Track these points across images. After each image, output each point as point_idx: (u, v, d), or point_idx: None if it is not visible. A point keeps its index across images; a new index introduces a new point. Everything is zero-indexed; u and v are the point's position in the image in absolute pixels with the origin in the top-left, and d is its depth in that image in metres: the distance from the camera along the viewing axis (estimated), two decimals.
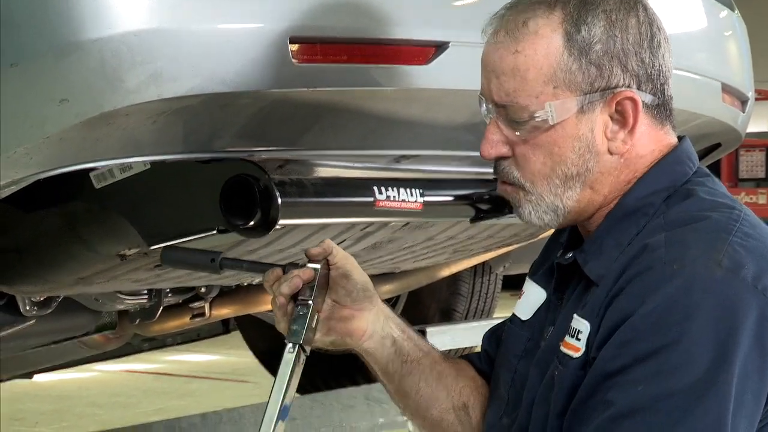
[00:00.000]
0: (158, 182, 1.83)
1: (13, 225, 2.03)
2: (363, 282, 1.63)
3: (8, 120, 1.69)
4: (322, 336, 1.60)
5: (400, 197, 1.97)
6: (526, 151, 1.45)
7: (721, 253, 1.33)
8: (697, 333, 1.29)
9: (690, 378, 1.28)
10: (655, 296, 1.32)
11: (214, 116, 1.75)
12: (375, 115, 1.89)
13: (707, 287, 1.31)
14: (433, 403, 1.68)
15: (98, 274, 2.13)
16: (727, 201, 1.46)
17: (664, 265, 1.34)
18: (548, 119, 1.42)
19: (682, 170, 1.49)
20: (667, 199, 1.46)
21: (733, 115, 2.46)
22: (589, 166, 1.46)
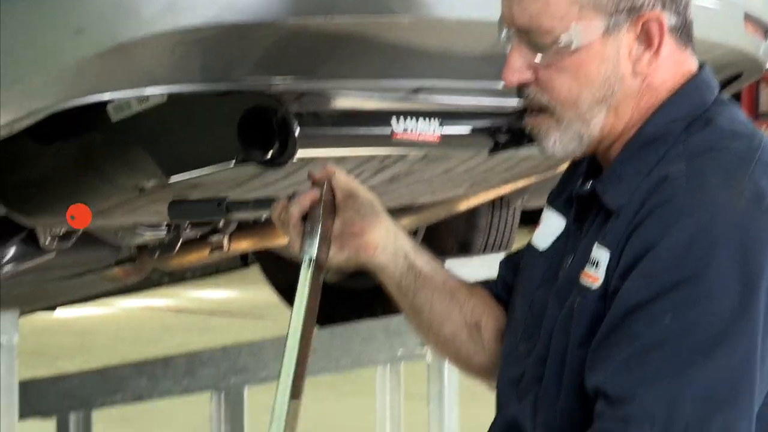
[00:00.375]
0: (176, 114, 1.82)
1: (32, 158, 2.03)
2: (369, 198, 1.64)
3: (25, 50, 1.70)
4: (336, 254, 1.61)
5: (418, 129, 1.96)
6: (550, 76, 1.43)
7: (743, 183, 1.33)
8: (723, 264, 1.28)
9: (717, 309, 1.28)
10: (678, 228, 1.31)
11: (231, 47, 1.74)
12: (392, 45, 1.87)
13: (730, 219, 1.31)
14: (446, 320, 1.68)
15: (117, 206, 2.14)
16: (747, 130, 1.45)
17: (686, 197, 1.33)
18: (573, 42, 1.40)
19: (702, 98, 1.47)
20: (687, 127, 1.43)
21: (756, 45, 2.44)
22: (615, 89, 1.43)
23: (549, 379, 1.46)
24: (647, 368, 1.29)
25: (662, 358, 1.28)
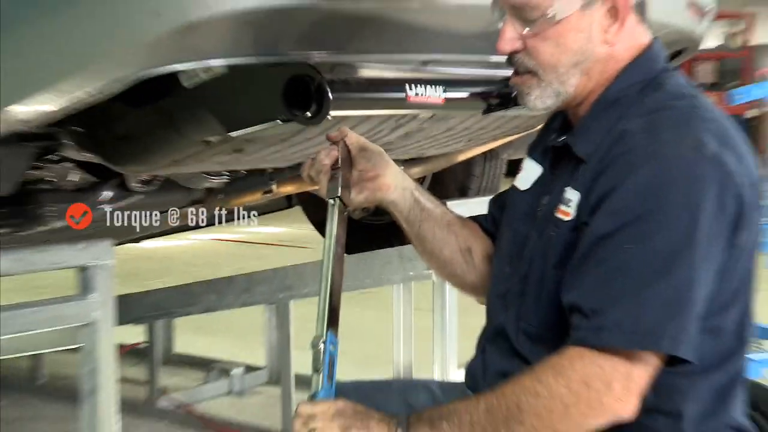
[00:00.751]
0: (234, 81, 1.80)
1: (121, 118, 2.01)
2: (377, 150, 1.65)
3: (113, 27, 1.68)
4: (357, 195, 1.62)
5: (427, 93, 1.95)
6: (536, 44, 1.41)
7: (688, 136, 1.32)
8: (672, 203, 1.28)
9: (668, 239, 1.27)
10: (636, 173, 1.31)
11: (278, 26, 1.71)
12: (405, 25, 1.85)
13: (678, 164, 1.30)
14: (444, 245, 1.68)
15: (188, 157, 2.12)
16: (690, 92, 1.44)
17: (642, 147, 1.33)
18: (556, 15, 1.38)
19: (654, 66, 1.46)
20: (642, 89, 1.43)
21: (695, 26, 2.43)
22: (587, 55, 1.42)
23: (529, 295, 1.46)
24: (614, 287, 1.28)
25: (626, 278, 1.28)
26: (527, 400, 1.29)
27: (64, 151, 2.19)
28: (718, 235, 1.31)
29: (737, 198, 1.32)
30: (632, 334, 1.26)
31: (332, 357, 1.39)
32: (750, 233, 1.36)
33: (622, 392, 1.28)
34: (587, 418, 1.28)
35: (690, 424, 1.38)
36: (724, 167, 1.31)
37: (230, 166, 2.42)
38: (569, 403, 1.27)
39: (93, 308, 2.16)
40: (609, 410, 1.28)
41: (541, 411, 1.29)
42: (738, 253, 1.35)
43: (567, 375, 1.28)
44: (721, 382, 1.41)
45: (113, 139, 2.10)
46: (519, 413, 1.29)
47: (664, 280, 1.27)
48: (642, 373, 1.28)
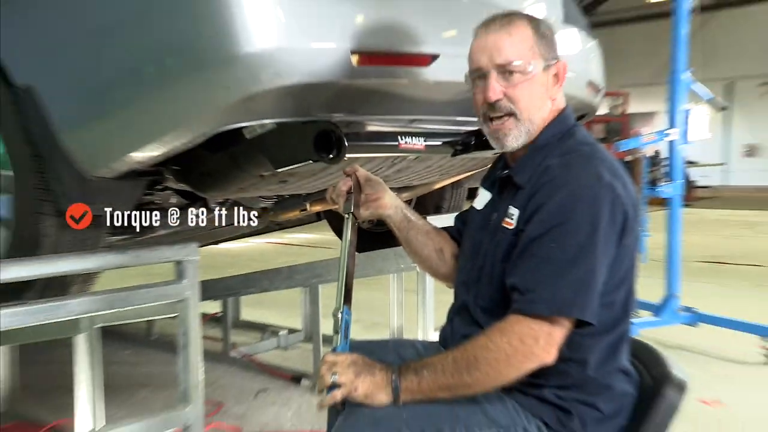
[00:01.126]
0: (280, 133, 1.78)
1: (204, 159, 1.97)
2: (378, 180, 1.66)
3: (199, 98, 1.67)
4: (364, 211, 1.64)
5: (413, 142, 1.94)
6: (515, 93, 1.41)
7: (590, 170, 1.32)
8: (580, 214, 1.29)
9: (579, 239, 1.28)
10: (556, 195, 1.31)
11: (309, 96, 1.69)
12: (398, 95, 1.83)
13: (583, 189, 1.30)
14: (424, 247, 1.68)
15: (249, 186, 2.10)
16: (591, 141, 1.44)
17: (560, 177, 1.33)
18: (531, 71, 1.39)
19: (568, 123, 1.46)
20: (560, 138, 1.43)
21: (593, 98, 2.42)
22: (542, 105, 1.43)
23: (483, 281, 1.45)
24: (541, 273, 1.29)
25: (549, 266, 1.29)
26: (481, 353, 1.29)
27: (167, 182, 2.16)
28: (610, 238, 1.31)
29: (623, 213, 1.32)
30: (553, 305, 1.27)
31: (347, 323, 1.40)
32: (632, 237, 1.36)
33: (545, 345, 1.28)
34: (522, 364, 1.29)
35: (593, 368, 1.37)
36: (614, 191, 1.32)
37: (277, 192, 2.39)
38: (510, 354, 1.28)
39: (185, 289, 2.14)
40: (537, 358, 1.29)
41: (491, 360, 1.28)
42: (624, 250, 1.35)
43: (508, 334, 1.28)
44: (613, 340, 1.40)
45: (198, 174, 2.08)
46: (476, 362, 1.29)
47: (574, 268, 1.28)
48: (559, 332, 1.29)
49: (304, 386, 3.36)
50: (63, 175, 1.86)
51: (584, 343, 1.36)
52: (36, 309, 1.84)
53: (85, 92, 1.83)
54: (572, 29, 2.34)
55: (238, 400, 3.21)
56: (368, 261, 3.01)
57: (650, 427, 1.40)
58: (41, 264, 1.87)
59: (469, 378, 1.29)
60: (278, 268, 3.53)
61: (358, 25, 1.70)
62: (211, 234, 3.18)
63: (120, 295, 2.03)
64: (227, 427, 2.85)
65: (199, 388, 2.17)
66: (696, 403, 3.06)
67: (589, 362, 1.37)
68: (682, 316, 4.09)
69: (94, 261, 1.97)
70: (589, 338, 1.36)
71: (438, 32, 1.83)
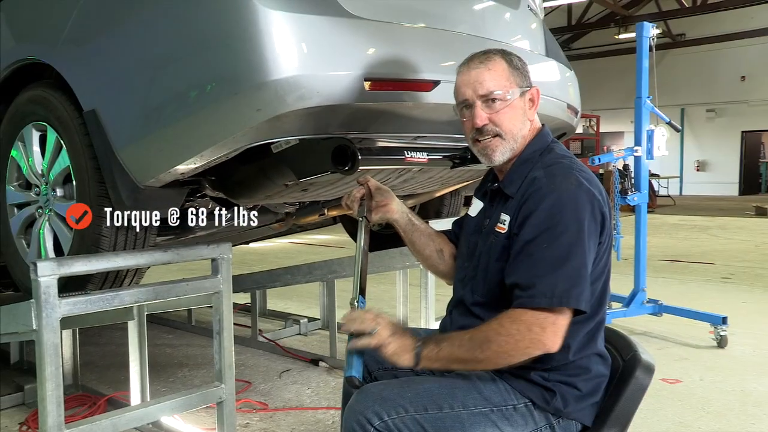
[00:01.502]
0: (302, 148, 1.77)
1: (236, 170, 1.96)
2: (387, 189, 1.65)
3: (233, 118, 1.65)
4: (374, 216, 1.63)
5: (417, 156, 1.92)
6: (498, 118, 1.41)
7: (571, 178, 1.31)
8: (567, 217, 1.28)
9: (569, 238, 1.27)
10: (544, 201, 1.30)
11: (329, 116, 1.68)
12: (404, 116, 1.82)
13: (567, 195, 1.30)
14: (426, 247, 1.66)
15: (275, 194, 2.07)
16: (568, 154, 1.43)
17: (546, 186, 1.32)
18: (510, 98, 1.39)
19: (546, 140, 1.46)
20: (542, 153, 1.42)
21: (572, 119, 2.39)
22: (523, 125, 1.43)
23: (479, 277, 1.43)
24: (538, 270, 1.27)
25: (545, 265, 1.27)
26: (494, 335, 1.28)
27: (205, 191, 2.15)
28: (593, 236, 1.31)
29: (602, 213, 1.33)
30: (552, 297, 1.26)
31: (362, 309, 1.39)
32: (607, 236, 1.35)
33: (552, 335, 1.27)
34: (528, 349, 1.27)
35: (573, 352, 1.36)
36: (593, 195, 1.31)
37: (300, 199, 2.37)
38: (518, 339, 1.26)
39: (219, 283, 2.12)
40: (543, 345, 1.27)
41: (501, 342, 1.27)
42: (601, 247, 1.34)
43: (517, 322, 1.27)
44: (591, 327, 1.39)
45: (232, 183, 2.07)
46: (488, 342, 1.28)
47: (567, 263, 1.26)
48: (563, 321, 1.28)
49: (322, 367, 3.34)
50: (119, 184, 1.86)
51: (567, 330, 1.34)
52: (95, 298, 1.84)
53: (138, 114, 1.83)
54: (553, 62, 2.33)
55: (264, 379, 3.20)
56: (378, 259, 2.99)
57: (623, 404, 1.39)
58: (101, 260, 1.87)
59: (481, 355, 1.28)
60: (299, 265, 3.52)
61: (370, 56, 1.69)
62: (242, 235, 3.18)
63: (165, 288, 2.02)
64: (254, 403, 2.84)
65: (231, 369, 2.16)
66: (659, 382, 3.05)
67: (571, 347, 1.35)
68: (648, 307, 4.08)
69: (144, 258, 1.96)
70: (571, 326, 1.33)
71: (439, 61, 1.82)
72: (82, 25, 1.96)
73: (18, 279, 2.29)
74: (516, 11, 2.28)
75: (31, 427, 2.54)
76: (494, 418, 1.34)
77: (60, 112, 2.00)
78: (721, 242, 8.73)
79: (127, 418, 1.98)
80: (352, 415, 1.31)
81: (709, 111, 19.52)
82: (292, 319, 4.19)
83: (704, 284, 5.70)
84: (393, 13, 1.83)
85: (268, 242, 6.39)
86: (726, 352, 3.62)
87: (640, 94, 4.05)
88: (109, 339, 3.90)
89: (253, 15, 1.57)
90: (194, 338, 4.02)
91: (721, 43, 18.74)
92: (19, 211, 2.26)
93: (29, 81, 2.19)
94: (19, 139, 2.20)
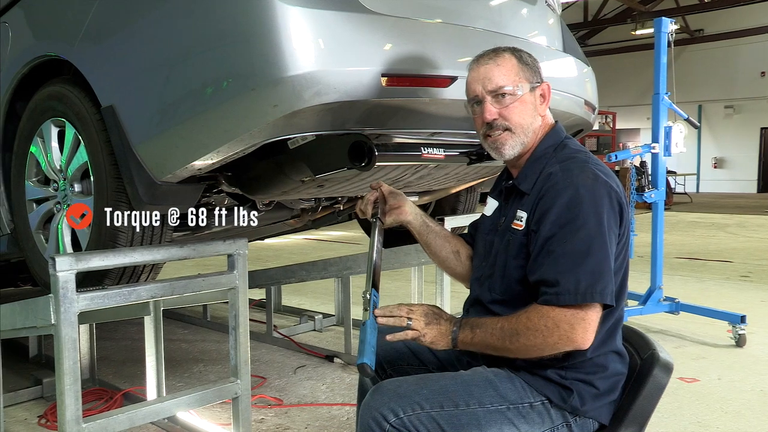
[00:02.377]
0: (320, 144, 1.76)
1: (253, 166, 1.96)
2: (399, 192, 1.65)
3: (250, 114, 1.64)
4: (388, 218, 1.63)
5: (434, 152, 1.91)
6: (507, 112, 1.41)
7: (587, 172, 1.31)
8: (586, 211, 1.27)
9: (587, 233, 1.26)
10: (562, 196, 1.29)
11: (345, 112, 1.67)
12: (421, 112, 1.81)
13: (585, 189, 1.29)
14: (442, 249, 1.65)
15: (291, 190, 2.07)
16: (582, 149, 1.43)
17: (562, 181, 1.31)
18: (519, 93, 1.40)
19: (560, 135, 1.45)
20: (555, 149, 1.41)
21: (589, 116, 2.37)
22: (534, 119, 1.42)
23: (495, 276, 1.43)
24: (562, 266, 1.26)
25: (567, 260, 1.26)
26: (522, 329, 1.28)
27: (221, 186, 2.15)
28: (613, 227, 1.30)
29: (619, 203, 1.32)
30: (577, 294, 1.24)
31: (375, 302, 1.39)
32: (625, 227, 1.34)
33: (582, 332, 1.26)
34: (557, 344, 1.27)
35: (591, 350, 1.34)
36: (610, 187, 1.31)
37: (316, 195, 2.36)
38: (546, 335, 1.27)
39: (235, 279, 2.13)
40: (572, 342, 1.27)
41: (529, 336, 1.28)
42: (620, 240, 1.33)
43: (545, 319, 1.27)
44: (609, 325, 1.38)
45: (248, 179, 2.06)
46: (517, 335, 1.29)
47: (589, 257, 1.25)
48: (593, 315, 1.27)
49: (337, 364, 3.35)
50: (136, 180, 1.87)
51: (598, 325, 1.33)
52: (112, 293, 1.85)
53: (155, 110, 1.83)
54: (570, 58, 2.31)
55: (279, 374, 3.21)
56: (393, 256, 2.99)
57: (641, 403, 1.38)
58: (118, 255, 1.88)
59: (511, 345, 1.30)
60: (314, 261, 3.52)
61: (387, 52, 1.68)
62: (258, 231, 3.18)
63: (181, 283, 2.03)
64: (269, 399, 2.85)
65: (247, 365, 2.16)
66: (676, 381, 3.02)
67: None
68: (665, 305, 4.04)
69: (161, 253, 1.97)
70: None
71: (456, 57, 1.81)
72: (101, 22, 1.97)
73: (36, 274, 2.31)
74: (533, 7, 2.26)
75: (50, 420, 2.57)
76: (510, 415, 1.33)
77: (78, 108, 2.02)
78: (739, 240, 8.63)
79: (143, 412, 1.99)
80: (367, 412, 1.31)
81: (727, 107, 19.32)
82: (307, 315, 4.20)
83: (722, 282, 5.63)
84: (410, 9, 1.82)
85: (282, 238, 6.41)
86: (744, 351, 3.58)
87: (658, 91, 4.01)
88: (124, 334, 3.93)
89: (270, 11, 1.56)
90: (209, 333, 4.04)
91: (739, 39, 18.52)
92: (37, 207, 2.28)
93: (48, 77, 2.21)
94: (38, 135, 2.22)
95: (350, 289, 3.39)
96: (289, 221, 2.83)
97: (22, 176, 2.30)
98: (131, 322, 3.73)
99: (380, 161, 1.74)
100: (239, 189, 2.15)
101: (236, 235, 2.23)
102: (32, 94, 2.24)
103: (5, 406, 2.38)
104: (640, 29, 17.23)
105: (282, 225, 2.92)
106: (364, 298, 1.39)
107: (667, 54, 4.01)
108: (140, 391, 2.69)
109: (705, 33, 19.10)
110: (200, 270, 4.93)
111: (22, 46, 2.29)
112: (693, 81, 17.82)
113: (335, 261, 3.36)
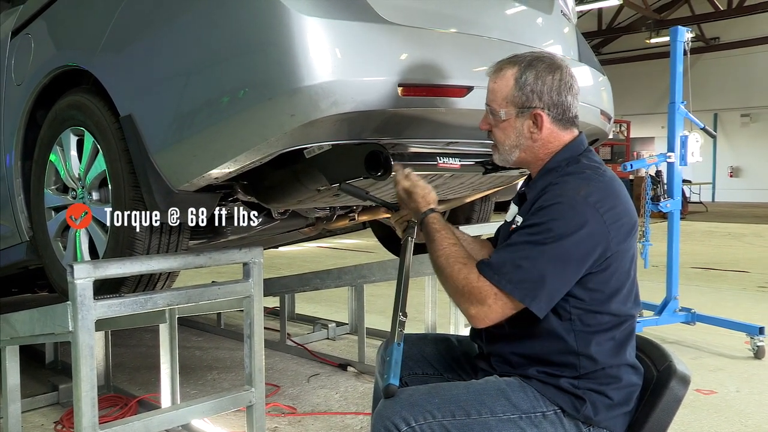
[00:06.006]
0: (336, 154, 1.76)
1: (269, 175, 1.96)
2: None
3: (267, 124, 1.65)
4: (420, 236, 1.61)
5: (449, 161, 1.92)
6: (495, 130, 1.46)
7: (582, 189, 1.31)
8: (558, 225, 1.29)
9: (556, 233, 1.29)
10: (548, 206, 1.32)
11: (361, 122, 1.67)
12: (437, 121, 1.81)
13: (571, 204, 1.30)
14: (478, 254, 1.62)
15: (307, 198, 2.07)
16: (596, 165, 1.41)
17: (554, 194, 1.33)
18: (502, 116, 1.42)
19: (577, 149, 1.43)
20: (567, 164, 1.41)
21: (604, 125, 2.35)
22: (521, 142, 1.43)
23: None
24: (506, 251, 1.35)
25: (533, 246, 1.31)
26: (457, 274, 1.35)
27: (237, 195, 2.17)
28: (586, 252, 1.30)
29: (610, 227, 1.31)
30: (494, 273, 1.31)
31: (402, 323, 1.44)
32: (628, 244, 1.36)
33: (487, 309, 1.31)
34: (459, 305, 1.36)
35: (602, 361, 1.35)
36: (599, 210, 1.30)
37: (331, 204, 2.35)
38: (461, 292, 1.34)
39: (250, 287, 2.14)
40: (467, 313, 1.34)
41: (457, 282, 1.35)
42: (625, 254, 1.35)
43: (468, 279, 1.33)
44: (620, 336, 1.38)
45: (264, 187, 2.07)
46: (452, 274, 1.37)
47: (533, 262, 1.29)
48: (502, 307, 1.31)
49: (350, 372, 3.34)
50: (154, 188, 1.88)
51: (593, 338, 1.34)
52: (129, 301, 1.87)
53: (173, 119, 1.85)
54: (586, 67, 2.30)
55: (293, 383, 3.21)
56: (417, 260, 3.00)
57: (657, 415, 1.37)
58: (135, 263, 1.89)
59: (441, 274, 1.40)
60: (328, 270, 3.53)
61: (404, 62, 1.69)
62: (273, 239, 3.20)
63: (197, 291, 2.05)
64: (283, 407, 2.85)
65: (262, 373, 2.17)
66: (692, 392, 2.99)
67: (599, 356, 1.34)
68: (681, 315, 4.00)
69: (177, 261, 1.98)
70: (596, 333, 1.34)
71: (471, 67, 1.81)
72: (120, 33, 2.00)
73: (54, 281, 2.34)
74: (549, 16, 2.26)
75: (66, 426, 2.59)
76: (523, 425, 1.33)
77: (97, 117, 2.04)
78: (756, 250, 8.53)
79: (158, 420, 2.00)
80: (379, 420, 1.31)
81: (743, 116, 19.18)
82: (321, 324, 4.20)
83: (739, 293, 5.57)
84: (426, 19, 1.82)
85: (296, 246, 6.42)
86: (763, 363, 3.53)
87: (674, 99, 3.99)
88: (139, 341, 3.95)
89: (287, 21, 1.58)
90: (223, 341, 4.06)
91: (755, 47, 18.39)
92: (56, 215, 2.31)
93: (68, 87, 2.24)
94: (57, 144, 2.25)
95: (364, 297, 3.39)
96: (303, 230, 2.83)
97: (42, 184, 2.33)
98: (145, 329, 3.76)
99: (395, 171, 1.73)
100: (255, 197, 2.16)
101: (251, 243, 2.24)
102: (53, 104, 2.28)
103: (23, 411, 2.39)
104: (655, 38, 17.18)
105: (296, 233, 2.93)
106: (398, 320, 1.41)
107: (682, 63, 4.00)
108: (155, 399, 2.71)
109: (720, 41, 18.99)
110: (214, 277, 4.96)
111: (43, 57, 2.32)
112: (709, 89, 17.71)
113: (350, 269, 3.36)
